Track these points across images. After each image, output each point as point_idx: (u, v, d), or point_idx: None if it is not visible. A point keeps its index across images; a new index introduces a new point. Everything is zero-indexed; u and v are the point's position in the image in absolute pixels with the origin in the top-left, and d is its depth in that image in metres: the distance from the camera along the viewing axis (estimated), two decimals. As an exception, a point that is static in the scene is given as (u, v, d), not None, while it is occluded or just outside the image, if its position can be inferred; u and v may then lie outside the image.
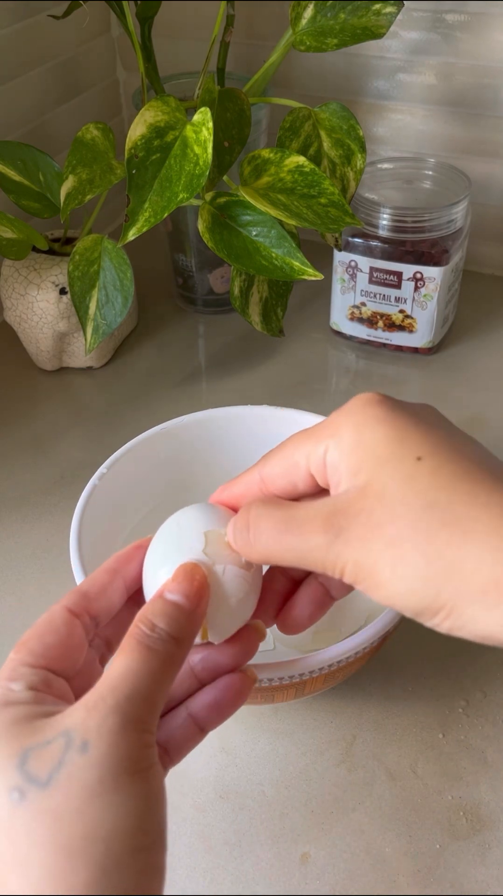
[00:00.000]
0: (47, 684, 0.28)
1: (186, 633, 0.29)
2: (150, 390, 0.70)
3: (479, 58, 0.71)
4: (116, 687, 0.26)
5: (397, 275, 0.66)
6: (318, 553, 0.28)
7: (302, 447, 0.31)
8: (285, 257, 0.57)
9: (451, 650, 0.49)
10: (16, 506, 0.60)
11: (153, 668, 0.27)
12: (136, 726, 0.25)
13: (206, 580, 0.30)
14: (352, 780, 0.43)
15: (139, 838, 0.24)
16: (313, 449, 0.30)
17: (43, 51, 0.75)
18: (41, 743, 0.25)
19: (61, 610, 0.30)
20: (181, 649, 0.28)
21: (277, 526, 0.30)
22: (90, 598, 0.31)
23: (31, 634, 0.29)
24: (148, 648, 0.27)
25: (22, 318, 0.67)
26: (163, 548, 0.32)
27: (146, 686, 0.26)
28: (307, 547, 0.29)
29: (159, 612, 0.29)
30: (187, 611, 0.29)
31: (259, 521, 0.30)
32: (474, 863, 0.40)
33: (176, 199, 0.53)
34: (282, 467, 0.32)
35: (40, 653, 0.29)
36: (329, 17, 0.60)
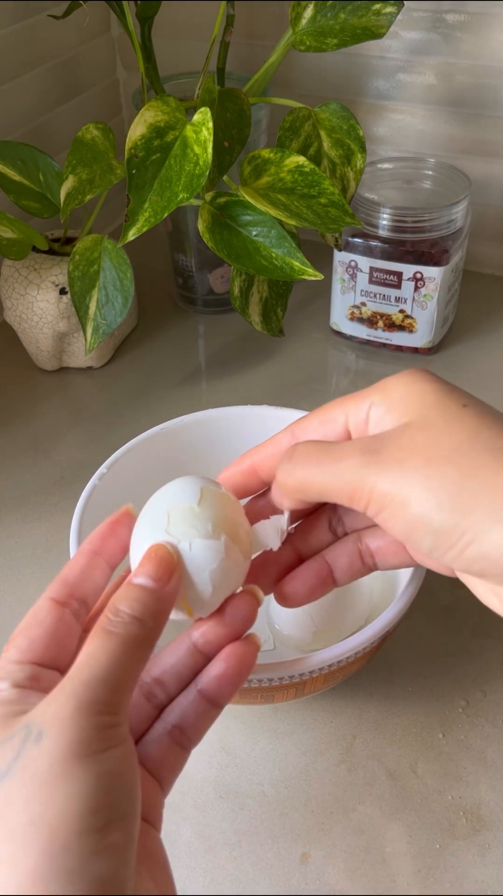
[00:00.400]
0: (35, 679, 0.28)
1: (151, 613, 0.28)
2: (150, 390, 0.70)
3: (479, 58, 0.71)
4: (73, 675, 0.26)
5: (397, 275, 0.66)
6: (349, 473, 0.29)
7: (342, 405, 0.31)
8: (285, 257, 0.57)
9: (451, 650, 0.49)
10: (16, 506, 0.60)
11: (113, 651, 0.26)
12: (91, 709, 0.25)
13: (170, 558, 0.30)
14: (352, 779, 0.43)
15: (88, 820, 0.23)
16: (355, 406, 0.31)
17: (43, 51, 0.75)
18: (7, 737, 0.25)
19: (44, 601, 0.30)
20: (145, 629, 0.28)
21: (317, 454, 0.30)
22: (71, 584, 0.31)
23: (17, 631, 0.30)
24: (107, 632, 0.27)
25: (22, 318, 0.67)
26: (137, 529, 0.32)
27: (105, 669, 0.26)
28: (340, 468, 0.29)
29: (123, 596, 0.28)
30: (152, 591, 0.29)
31: (301, 450, 0.31)
32: (474, 863, 0.40)
33: (176, 199, 0.53)
34: (318, 422, 0.32)
35: (26, 647, 0.29)
36: (329, 17, 0.60)
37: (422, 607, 0.51)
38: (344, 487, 0.29)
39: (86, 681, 0.25)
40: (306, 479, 0.30)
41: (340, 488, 0.29)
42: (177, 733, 0.31)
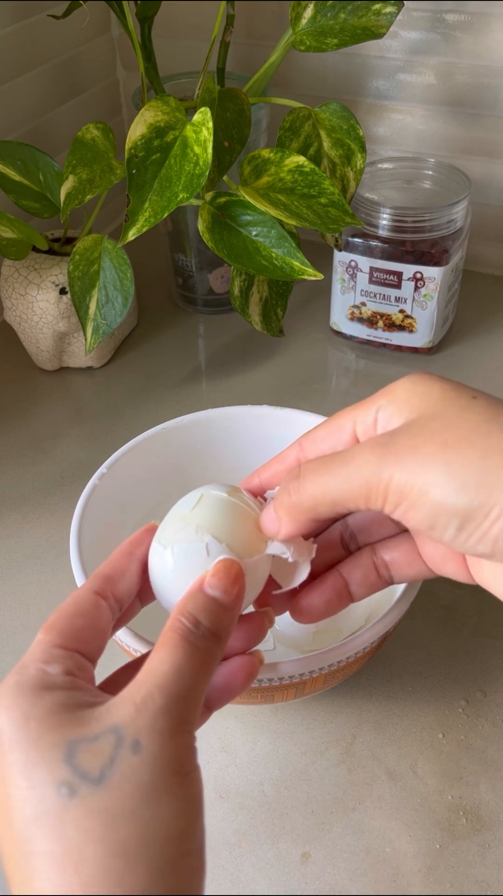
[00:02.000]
0: (81, 669, 0.27)
1: (225, 631, 0.28)
2: (150, 390, 0.70)
3: (479, 58, 0.71)
4: (164, 686, 0.26)
5: (397, 275, 0.66)
6: (363, 471, 0.28)
7: (349, 413, 0.31)
8: (285, 257, 0.57)
9: (451, 650, 0.49)
10: (16, 505, 0.60)
11: (197, 667, 0.27)
12: (183, 728, 0.25)
13: (243, 577, 0.30)
14: (352, 780, 0.43)
15: (188, 842, 0.24)
16: (363, 412, 0.30)
17: (43, 50, 0.75)
18: (89, 737, 0.24)
19: (88, 592, 0.30)
20: (220, 647, 0.28)
21: (326, 463, 0.29)
22: (114, 581, 0.31)
23: (60, 616, 0.29)
24: (192, 646, 0.27)
25: (22, 318, 0.67)
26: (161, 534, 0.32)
27: (191, 685, 0.26)
28: (352, 468, 0.28)
29: (202, 607, 0.28)
30: (227, 607, 0.29)
31: (308, 466, 0.30)
32: (474, 863, 0.40)
33: (176, 199, 0.53)
34: (326, 431, 0.32)
35: (71, 635, 0.28)
36: (329, 17, 0.60)
37: (422, 607, 0.51)
38: (358, 488, 0.28)
39: (177, 696, 0.25)
40: (317, 490, 0.29)
41: (355, 490, 0.28)
42: None
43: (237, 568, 0.30)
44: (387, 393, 0.30)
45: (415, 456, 0.27)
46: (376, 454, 0.28)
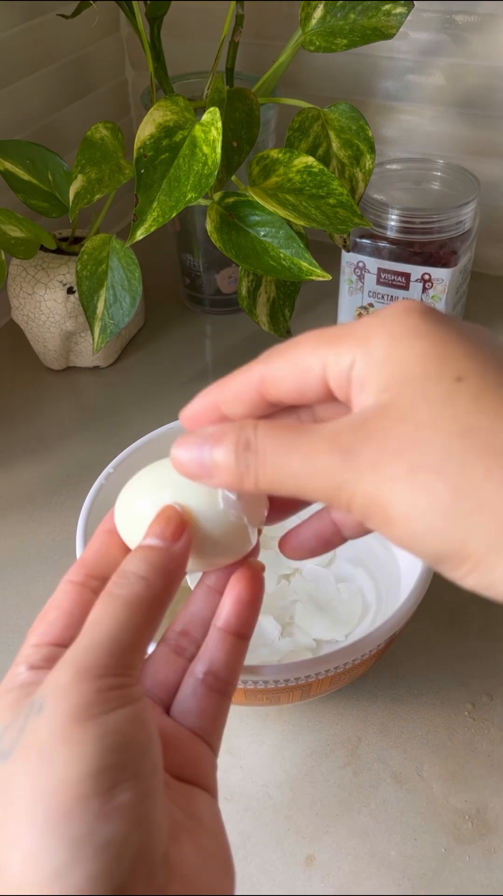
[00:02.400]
0: (50, 659, 0.27)
1: (158, 571, 0.27)
2: (157, 390, 0.70)
3: (489, 59, 0.71)
4: (75, 643, 0.25)
5: (405, 276, 0.66)
6: (322, 479, 0.24)
7: (316, 351, 0.26)
8: (293, 258, 0.57)
9: (457, 653, 0.49)
10: (22, 505, 0.60)
11: (115, 613, 0.26)
12: (90, 673, 0.24)
13: (178, 516, 0.29)
14: (357, 782, 0.43)
15: (90, 783, 0.22)
16: (335, 357, 0.26)
17: (52, 50, 0.75)
18: (15, 717, 0.24)
19: (62, 584, 0.30)
20: (151, 588, 0.27)
21: (282, 448, 0.25)
22: (89, 564, 0.31)
23: (38, 617, 0.29)
24: (110, 595, 0.26)
25: (29, 318, 0.67)
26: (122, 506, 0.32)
27: (106, 632, 0.25)
28: (310, 471, 0.24)
29: (129, 559, 0.28)
30: (159, 549, 0.28)
31: (263, 439, 0.26)
32: (479, 867, 0.40)
33: (184, 199, 0.53)
34: (291, 370, 0.27)
35: (43, 630, 0.28)
36: (339, 17, 0.60)
37: (427, 610, 0.51)
38: (320, 492, 0.25)
39: (85, 647, 0.25)
40: (277, 476, 0.25)
41: (318, 492, 0.25)
42: (210, 679, 0.30)
43: (167, 510, 0.29)
44: (363, 343, 0.25)
45: (378, 477, 0.23)
46: (337, 463, 0.24)
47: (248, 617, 0.30)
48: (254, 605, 0.31)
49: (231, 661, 0.30)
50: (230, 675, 0.30)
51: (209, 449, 0.27)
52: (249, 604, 0.30)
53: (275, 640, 0.47)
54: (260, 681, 0.37)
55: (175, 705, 0.30)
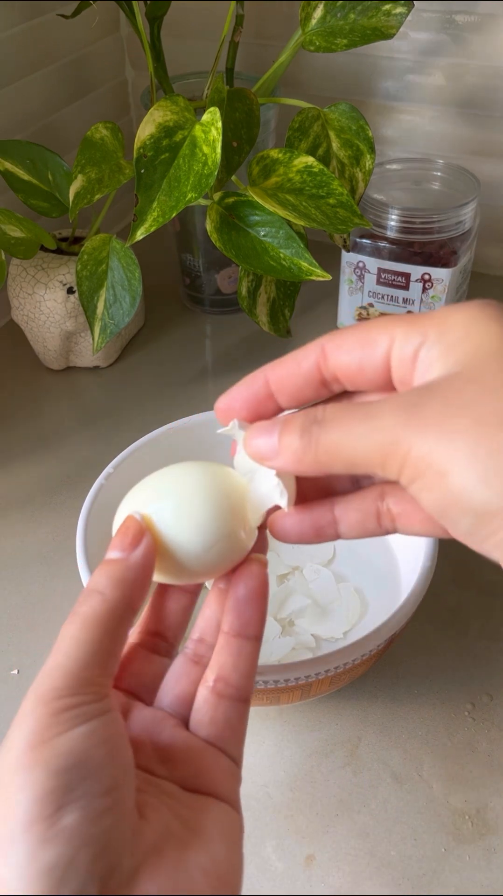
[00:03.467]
0: None
1: (114, 583, 0.27)
2: (156, 390, 0.70)
3: (489, 59, 0.71)
4: (41, 671, 0.25)
5: (405, 276, 0.66)
6: (382, 433, 0.24)
7: (387, 327, 0.26)
8: (293, 258, 0.57)
9: (457, 653, 0.49)
10: (22, 505, 0.60)
11: (73, 633, 0.26)
12: (46, 697, 0.24)
13: (136, 525, 0.28)
14: (357, 782, 0.43)
15: (34, 809, 0.22)
16: (404, 334, 0.25)
17: (52, 50, 0.75)
18: None
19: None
20: (107, 602, 0.26)
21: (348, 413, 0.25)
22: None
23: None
24: (71, 615, 0.26)
25: (29, 318, 0.67)
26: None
27: (64, 653, 0.25)
28: (370, 427, 0.24)
29: (92, 576, 0.28)
30: (115, 561, 0.28)
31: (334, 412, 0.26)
32: (479, 867, 0.40)
33: (184, 199, 0.53)
34: (356, 341, 0.27)
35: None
36: (339, 17, 0.60)
37: (427, 610, 0.51)
38: (375, 451, 0.24)
39: (45, 671, 0.25)
40: (335, 443, 0.25)
41: (371, 452, 0.24)
42: (220, 685, 0.29)
43: (129, 521, 0.29)
44: (438, 325, 0.25)
45: (439, 429, 0.23)
46: (400, 416, 0.24)
47: (251, 616, 0.29)
48: (256, 603, 0.30)
49: (240, 664, 0.29)
50: (241, 679, 0.29)
51: (278, 431, 0.27)
52: (249, 602, 0.29)
53: (275, 638, 0.47)
54: (260, 681, 0.37)
55: (192, 716, 0.29)
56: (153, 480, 0.31)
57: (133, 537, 0.28)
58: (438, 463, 0.23)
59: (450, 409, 0.23)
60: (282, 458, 0.27)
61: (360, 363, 0.27)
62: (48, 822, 0.22)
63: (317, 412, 0.26)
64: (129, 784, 0.24)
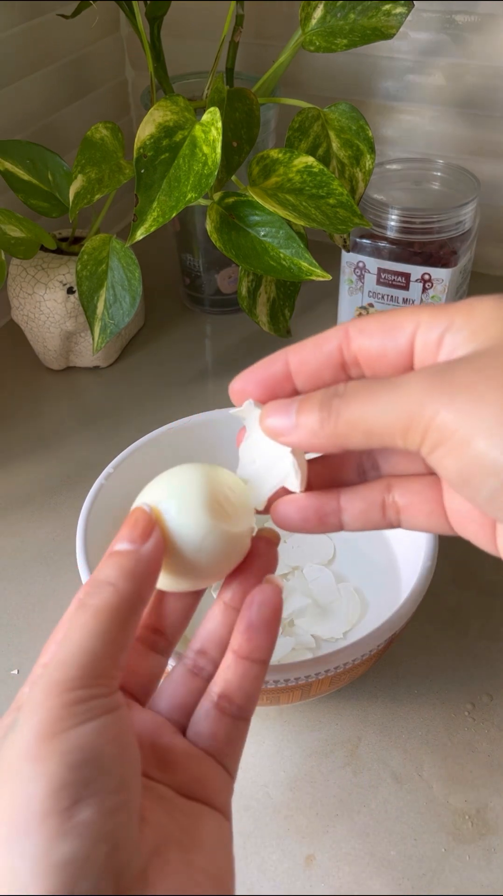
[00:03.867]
0: None
1: (126, 575, 0.27)
2: (156, 390, 0.70)
3: (489, 59, 0.71)
4: (52, 658, 0.25)
5: (405, 276, 0.66)
6: (406, 400, 0.24)
7: (414, 313, 0.26)
8: (293, 258, 0.57)
9: (457, 653, 0.49)
10: (22, 505, 0.60)
11: (84, 623, 0.25)
12: (60, 688, 0.24)
13: (146, 517, 0.28)
14: (357, 782, 0.43)
15: (50, 801, 0.22)
16: (430, 318, 0.26)
17: (52, 50, 0.75)
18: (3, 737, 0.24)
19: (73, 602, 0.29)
20: (120, 594, 0.26)
21: (372, 387, 0.25)
22: None
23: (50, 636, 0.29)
24: (81, 606, 0.26)
25: (29, 318, 0.67)
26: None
27: (76, 644, 0.25)
28: (395, 396, 0.24)
29: (101, 565, 0.27)
30: (127, 552, 0.27)
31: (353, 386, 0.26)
32: (479, 867, 0.40)
33: (184, 199, 0.53)
34: (380, 325, 0.27)
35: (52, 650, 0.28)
36: (339, 17, 0.60)
37: (427, 610, 0.51)
38: (397, 419, 0.24)
39: (57, 661, 0.24)
40: (354, 416, 0.25)
41: (393, 421, 0.24)
42: (224, 703, 0.29)
43: (136, 512, 0.28)
44: (465, 311, 0.25)
45: (468, 393, 0.23)
46: (426, 383, 0.23)
47: (262, 642, 0.29)
48: (268, 630, 0.29)
49: (245, 685, 0.29)
50: (245, 700, 0.29)
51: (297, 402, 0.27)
52: (261, 628, 0.29)
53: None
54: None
55: (190, 727, 0.29)
56: (158, 481, 0.31)
57: (143, 529, 0.28)
58: (464, 429, 0.22)
59: (477, 377, 0.23)
60: (299, 432, 0.27)
61: (383, 347, 0.27)
62: (64, 815, 0.22)
63: (338, 387, 0.26)
64: (138, 783, 0.24)
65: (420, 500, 0.29)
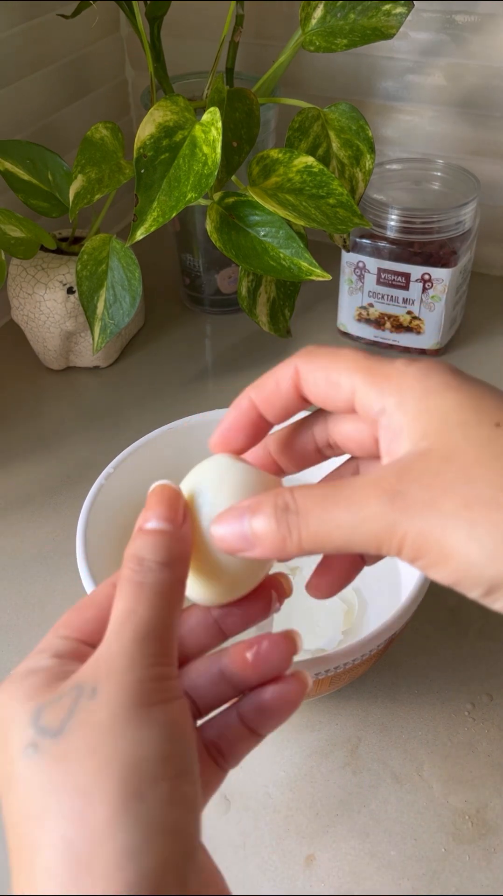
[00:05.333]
0: (77, 654, 0.27)
1: (176, 556, 0.27)
2: (156, 390, 0.70)
3: (489, 59, 0.71)
4: (118, 631, 0.25)
5: (405, 276, 0.66)
6: (371, 524, 0.24)
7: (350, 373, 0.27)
8: (293, 258, 0.57)
9: (457, 653, 0.49)
10: (22, 504, 0.60)
11: (150, 601, 0.26)
12: (145, 661, 0.24)
13: (177, 496, 0.29)
14: (357, 782, 0.43)
15: (160, 767, 0.22)
16: (365, 391, 0.27)
17: (52, 50, 0.75)
18: (54, 698, 0.24)
19: (105, 585, 0.29)
20: (174, 572, 0.27)
21: (324, 502, 0.25)
22: None
23: (71, 609, 0.29)
24: (140, 584, 0.26)
25: (29, 318, 0.67)
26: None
27: (147, 622, 0.25)
28: (357, 519, 0.25)
29: (142, 545, 0.27)
30: (170, 533, 0.27)
31: (306, 501, 0.26)
32: (479, 867, 0.40)
33: (184, 199, 0.53)
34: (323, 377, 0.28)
35: (76, 626, 0.28)
36: (339, 17, 0.60)
37: (427, 610, 0.51)
38: (368, 538, 0.25)
39: (132, 636, 0.25)
40: (317, 535, 0.25)
41: (364, 539, 0.25)
42: (214, 751, 0.29)
43: (169, 491, 0.29)
44: (396, 393, 0.26)
45: (432, 513, 0.24)
46: (386, 506, 0.24)
47: (272, 727, 0.30)
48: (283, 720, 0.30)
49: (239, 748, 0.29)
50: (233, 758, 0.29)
51: (248, 519, 0.27)
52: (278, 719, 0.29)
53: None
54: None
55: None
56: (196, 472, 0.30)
57: (180, 509, 0.28)
58: (439, 544, 0.24)
59: (435, 492, 0.24)
60: (260, 547, 0.27)
61: (327, 397, 0.28)
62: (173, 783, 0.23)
63: (286, 498, 0.26)
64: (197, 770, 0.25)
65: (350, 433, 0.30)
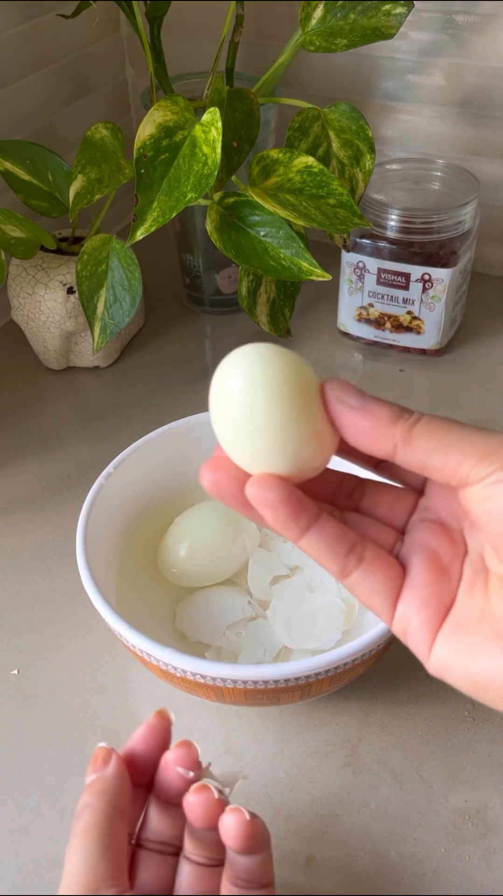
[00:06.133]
0: None
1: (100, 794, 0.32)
2: (156, 390, 0.70)
3: (489, 59, 0.71)
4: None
5: (405, 276, 0.66)
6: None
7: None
8: (293, 258, 0.57)
9: (458, 653, 0.49)
10: (22, 505, 0.60)
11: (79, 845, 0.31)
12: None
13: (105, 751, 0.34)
14: (357, 782, 0.43)
15: None
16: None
17: (52, 50, 0.75)
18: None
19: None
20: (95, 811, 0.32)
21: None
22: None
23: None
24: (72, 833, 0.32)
25: (29, 318, 0.67)
26: None
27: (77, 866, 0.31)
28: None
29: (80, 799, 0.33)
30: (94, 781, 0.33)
31: None
32: (479, 867, 0.40)
33: (184, 199, 0.53)
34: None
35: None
36: (339, 17, 0.60)
37: (428, 610, 0.51)
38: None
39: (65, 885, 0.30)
40: None
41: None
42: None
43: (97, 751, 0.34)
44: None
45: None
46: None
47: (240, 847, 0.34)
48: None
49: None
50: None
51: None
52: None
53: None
54: (260, 681, 0.37)
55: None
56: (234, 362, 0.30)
57: (103, 758, 0.34)
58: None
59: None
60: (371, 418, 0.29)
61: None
62: None
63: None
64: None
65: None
